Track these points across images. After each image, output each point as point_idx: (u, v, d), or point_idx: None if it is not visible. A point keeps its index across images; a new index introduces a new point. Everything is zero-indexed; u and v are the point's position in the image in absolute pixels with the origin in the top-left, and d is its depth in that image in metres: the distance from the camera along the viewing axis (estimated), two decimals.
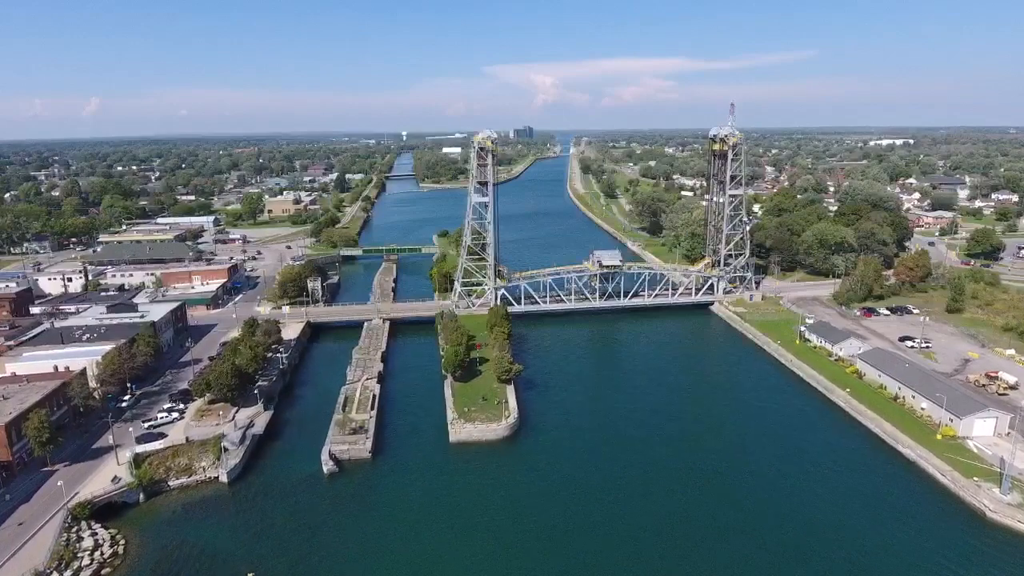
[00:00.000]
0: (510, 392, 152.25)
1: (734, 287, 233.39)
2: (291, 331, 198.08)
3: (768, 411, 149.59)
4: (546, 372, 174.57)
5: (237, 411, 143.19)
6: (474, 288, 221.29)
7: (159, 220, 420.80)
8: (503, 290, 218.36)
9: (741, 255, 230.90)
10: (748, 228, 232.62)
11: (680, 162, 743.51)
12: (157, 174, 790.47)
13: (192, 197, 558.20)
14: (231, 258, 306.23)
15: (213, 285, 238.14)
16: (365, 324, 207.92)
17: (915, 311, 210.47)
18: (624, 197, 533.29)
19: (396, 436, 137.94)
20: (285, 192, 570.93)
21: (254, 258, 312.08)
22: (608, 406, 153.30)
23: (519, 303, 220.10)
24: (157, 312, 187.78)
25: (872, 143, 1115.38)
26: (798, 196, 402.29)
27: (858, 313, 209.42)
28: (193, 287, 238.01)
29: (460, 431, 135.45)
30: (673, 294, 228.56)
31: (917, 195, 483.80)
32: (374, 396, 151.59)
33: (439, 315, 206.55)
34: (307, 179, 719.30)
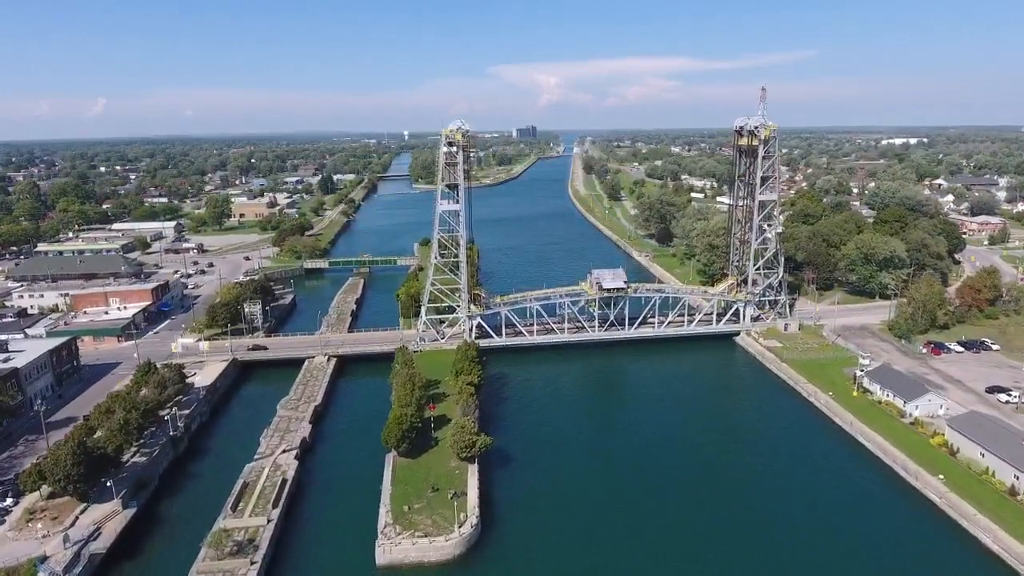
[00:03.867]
0: (472, 476, 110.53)
1: (763, 312, 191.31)
2: (209, 373, 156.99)
3: (827, 502, 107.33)
4: (526, 434, 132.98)
5: (84, 510, 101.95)
6: (445, 316, 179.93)
7: (114, 226, 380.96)
8: (479, 318, 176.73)
9: (772, 273, 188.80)
10: (782, 241, 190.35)
11: (688, 161, 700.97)
12: (141, 174, 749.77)
13: (166, 199, 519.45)
14: (176, 271, 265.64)
15: (133, 309, 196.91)
16: (306, 362, 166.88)
17: (994, 347, 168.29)
18: (629, 199, 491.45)
19: (302, 553, 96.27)
20: (267, 194, 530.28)
21: (203, 271, 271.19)
22: (610, 496, 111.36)
23: (499, 334, 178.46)
24: (31, 353, 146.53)
25: (884, 142, 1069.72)
26: (824, 199, 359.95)
27: (924, 350, 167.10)
28: (107, 312, 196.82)
29: (392, 548, 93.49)
30: (689, 322, 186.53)
31: (951, 197, 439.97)
32: (284, 482, 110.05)
33: (399, 351, 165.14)
34: (293, 180, 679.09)
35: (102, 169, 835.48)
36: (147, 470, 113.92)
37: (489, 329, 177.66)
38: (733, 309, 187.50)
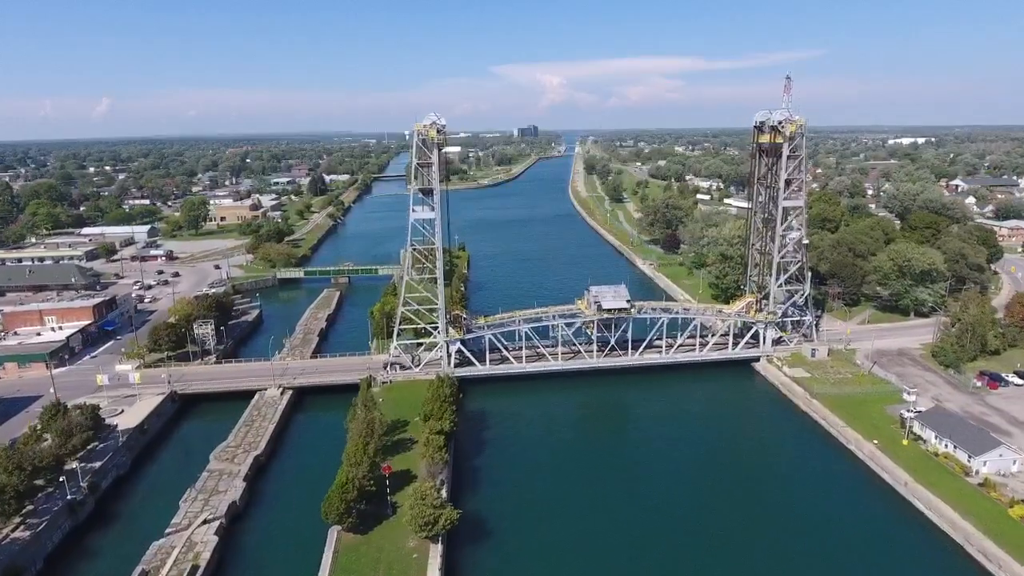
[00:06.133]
0: (434, 562, 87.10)
1: (785, 335, 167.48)
2: (139, 410, 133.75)
3: None
4: (509, 493, 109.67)
5: None
6: (421, 339, 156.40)
7: (84, 231, 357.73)
8: (459, 344, 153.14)
9: (797, 289, 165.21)
10: (807, 253, 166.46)
11: (693, 161, 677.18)
12: (127, 175, 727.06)
13: (148, 201, 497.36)
14: (136, 282, 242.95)
15: (70, 329, 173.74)
16: (256, 395, 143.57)
17: None
18: (632, 201, 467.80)
19: None
20: (253, 195, 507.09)
21: (166, 282, 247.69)
22: None
23: (483, 361, 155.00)
24: None
25: (891, 141, 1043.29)
26: (842, 201, 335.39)
27: (978, 383, 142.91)
28: (40, 333, 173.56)
29: None
30: (702, 346, 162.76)
31: (972, 199, 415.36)
32: (195, 570, 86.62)
33: (364, 384, 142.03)
34: (284, 180, 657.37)
35: (91, 169, 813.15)
36: (26, 552, 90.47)
37: (471, 355, 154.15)
38: (752, 331, 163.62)
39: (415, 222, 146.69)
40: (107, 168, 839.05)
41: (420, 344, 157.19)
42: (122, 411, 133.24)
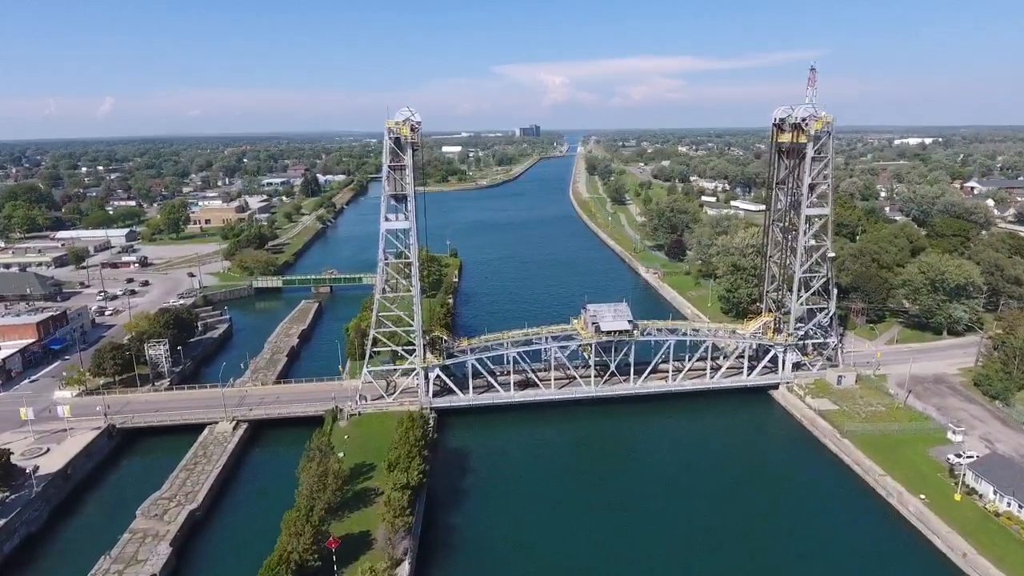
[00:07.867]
0: None
1: (807, 358, 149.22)
2: (67, 449, 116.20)
3: None
4: (488, 560, 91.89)
5: None
6: (397, 364, 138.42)
7: (58, 234, 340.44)
8: (437, 370, 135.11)
9: (821, 308, 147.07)
10: (832, 266, 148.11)
11: (697, 162, 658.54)
12: (118, 175, 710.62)
13: (134, 203, 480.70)
14: (100, 292, 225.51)
15: (10, 349, 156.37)
16: (207, 429, 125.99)
17: None
18: (635, 203, 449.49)
19: None
20: (243, 197, 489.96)
21: (134, 292, 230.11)
22: None
23: (466, 389, 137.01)
24: None
25: (897, 141, 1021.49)
26: (857, 205, 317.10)
27: None
28: None
29: None
30: (713, 371, 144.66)
31: (991, 202, 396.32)
32: None
33: (330, 416, 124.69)
34: (278, 180, 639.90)
35: (83, 169, 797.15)
36: None
37: (452, 385, 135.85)
38: (769, 355, 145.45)
39: (388, 232, 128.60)
40: (100, 168, 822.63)
41: (396, 369, 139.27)
42: (47, 450, 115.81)
